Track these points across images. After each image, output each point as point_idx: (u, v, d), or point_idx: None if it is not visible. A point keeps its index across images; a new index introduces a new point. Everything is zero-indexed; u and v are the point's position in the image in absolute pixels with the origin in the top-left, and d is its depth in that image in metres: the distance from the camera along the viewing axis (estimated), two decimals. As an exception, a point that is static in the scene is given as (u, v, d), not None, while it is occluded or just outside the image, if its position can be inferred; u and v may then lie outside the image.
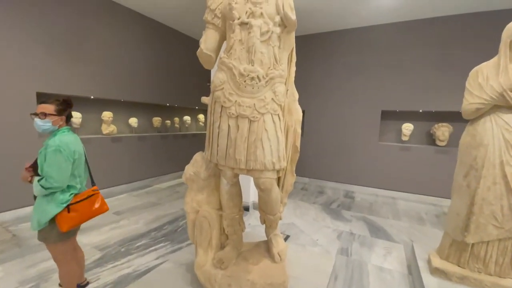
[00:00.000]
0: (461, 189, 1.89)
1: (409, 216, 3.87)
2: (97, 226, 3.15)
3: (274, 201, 1.73)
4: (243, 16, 1.51)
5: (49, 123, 1.54)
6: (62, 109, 1.59)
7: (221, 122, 1.58)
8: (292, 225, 3.39)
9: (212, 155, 1.65)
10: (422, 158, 4.59)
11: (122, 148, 4.61)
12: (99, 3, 4.03)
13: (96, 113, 4.47)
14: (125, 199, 4.26)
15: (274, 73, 1.54)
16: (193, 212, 1.76)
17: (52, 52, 3.52)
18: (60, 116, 1.58)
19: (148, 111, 5.49)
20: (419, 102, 4.58)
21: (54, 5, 3.49)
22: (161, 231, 3.08)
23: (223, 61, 1.57)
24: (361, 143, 5.12)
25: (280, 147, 1.57)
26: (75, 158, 1.55)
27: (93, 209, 1.62)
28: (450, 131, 4.37)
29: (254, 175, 1.58)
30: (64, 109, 1.60)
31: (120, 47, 4.43)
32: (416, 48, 4.54)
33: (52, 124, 1.56)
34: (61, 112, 1.59)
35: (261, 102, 1.53)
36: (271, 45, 1.53)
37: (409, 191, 4.71)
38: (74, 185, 1.58)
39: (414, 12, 4.25)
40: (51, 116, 1.54)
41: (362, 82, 5.04)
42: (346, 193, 5.08)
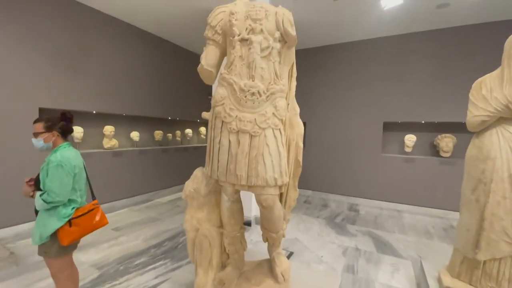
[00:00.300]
0: (470, 203, 1.83)
1: (415, 230, 3.76)
2: (96, 243, 3.08)
3: (276, 218, 1.68)
4: (243, 32, 1.52)
5: (41, 141, 1.58)
6: (51, 124, 1.60)
7: (222, 138, 1.56)
8: (295, 240, 3.30)
9: (213, 171, 1.62)
10: (427, 169, 4.52)
11: (123, 162, 4.59)
12: (101, 20, 4.12)
13: (98, 127, 4.49)
14: (126, 214, 4.20)
15: (274, 88, 1.53)
16: (193, 230, 1.70)
17: (54, 67, 3.57)
18: (50, 132, 1.59)
19: (150, 124, 5.51)
20: (421, 113, 4.56)
21: (57, 21, 3.57)
22: (160, 248, 3.00)
23: (224, 76, 1.57)
24: (363, 154, 5.07)
25: (282, 162, 1.54)
26: (75, 172, 1.57)
27: (94, 223, 1.63)
28: (454, 142, 4.31)
29: (255, 192, 1.54)
30: (52, 124, 1.60)
31: (122, 62, 4.50)
32: (417, 59, 4.57)
33: (44, 142, 1.58)
34: (50, 128, 1.59)
35: (262, 117, 1.51)
36: (271, 60, 1.53)
37: (414, 204, 4.61)
38: (75, 199, 1.60)
39: (414, 24, 4.30)
40: (41, 134, 1.57)
41: (363, 93, 5.05)
42: (350, 206, 4.98)
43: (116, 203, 4.40)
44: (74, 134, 3.98)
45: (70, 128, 1.70)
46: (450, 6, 3.61)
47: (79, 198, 1.63)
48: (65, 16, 3.65)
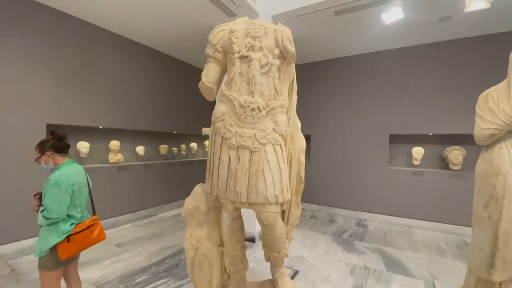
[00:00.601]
0: (482, 221, 1.74)
1: (427, 247, 3.60)
2: (98, 260, 3.03)
3: (278, 237, 1.62)
4: (243, 50, 1.54)
5: (43, 164, 1.71)
6: (42, 147, 1.69)
7: (222, 153, 1.54)
8: (301, 258, 3.19)
9: (212, 187, 1.59)
10: (436, 183, 4.38)
11: (127, 176, 4.61)
12: (108, 38, 4.26)
13: (104, 142, 4.55)
14: (129, 229, 4.16)
15: (274, 104, 1.52)
16: (192, 249, 1.66)
17: (61, 84, 3.66)
18: (44, 154, 1.68)
19: (155, 138, 5.56)
20: (429, 125, 4.48)
21: (64, 39, 3.69)
22: (162, 265, 2.94)
23: (224, 93, 1.57)
24: (370, 167, 4.97)
25: (283, 178, 1.51)
26: (74, 189, 1.64)
27: (92, 238, 1.68)
28: (463, 155, 4.19)
29: (256, 209, 1.50)
30: (43, 146, 1.69)
31: (127, 78, 4.60)
32: (422, 71, 4.54)
33: (45, 164, 1.70)
34: (42, 150, 1.69)
35: (262, 133, 1.49)
36: (271, 76, 1.53)
37: (425, 219, 4.44)
38: (74, 214, 1.66)
39: (417, 37, 4.31)
40: (39, 159, 1.70)
41: (368, 106, 5.02)
42: (358, 221, 4.83)
43: (119, 218, 4.38)
44: (80, 149, 4.04)
45: (63, 144, 1.75)
46: (453, 18, 3.62)
47: (79, 214, 1.69)
48: (74, 35, 3.78)
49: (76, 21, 3.81)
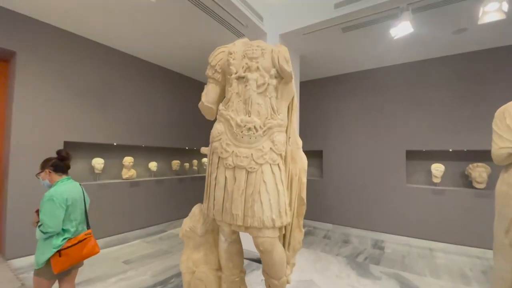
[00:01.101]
0: (503, 248, 1.56)
1: (450, 273, 3.29)
2: (104, 277, 3.03)
3: (277, 263, 1.54)
4: (240, 70, 1.55)
5: (41, 179, 1.85)
6: (44, 164, 1.85)
7: (218, 174, 1.52)
8: (311, 283, 3.01)
9: (209, 208, 1.56)
10: (460, 202, 4.08)
11: (139, 192, 4.68)
12: (122, 58, 4.48)
13: (118, 158, 4.68)
14: (138, 245, 4.17)
15: (271, 123, 1.50)
16: (188, 272, 1.60)
17: (79, 103, 3.86)
18: (43, 171, 1.83)
19: (168, 154, 5.66)
20: (448, 141, 4.24)
21: (81, 61, 3.91)
22: (167, 285, 2.88)
23: (221, 112, 1.57)
24: (387, 185, 4.74)
25: (280, 200, 1.44)
26: (68, 204, 1.72)
27: (83, 253, 1.75)
28: (488, 172, 3.90)
29: (252, 234, 1.44)
30: (45, 163, 1.85)
31: (142, 96, 4.79)
32: (439, 84, 4.37)
33: (42, 179, 1.84)
34: (43, 167, 1.85)
35: (259, 152, 1.46)
36: (267, 96, 1.52)
37: (448, 241, 4.10)
38: (69, 229, 1.73)
39: (431, 51, 4.19)
40: (39, 174, 1.86)
41: (383, 121, 4.86)
42: (374, 242, 4.55)
43: (129, 234, 4.41)
44: (94, 165, 4.18)
45: (63, 165, 1.88)
46: (468, 31, 3.49)
47: (73, 228, 1.77)
48: (90, 57, 4.01)
49: (93, 44, 4.06)
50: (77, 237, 1.75)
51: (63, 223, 1.69)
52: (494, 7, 2.37)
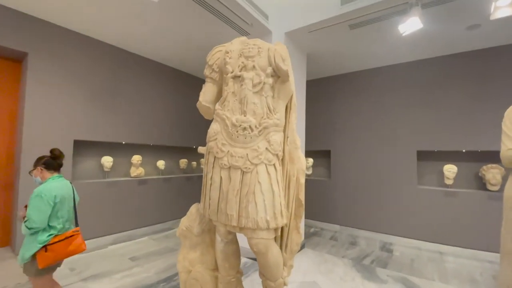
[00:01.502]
0: (510, 255, 1.48)
1: (460, 278, 3.17)
2: (110, 273, 3.11)
3: (273, 265, 1.51)
4: (236, 69, 1.53)
5: (33, 176, 1.91)
6: (36, 162, 1.91)
7: (213, 174, 1.51)
8: (314, 285, 2.97)
9: (205, 208, 1.55)
10: (473, 205, 3.91)
11: (147, 190, 4.76)
12: (131, 58, 4.56)
13: (126, 157, 4.78)
14: (145, 243, 4.25)
15: (267, 123, 1.47)
16: (185, 272, 1.61)
17: (88, 102, 3.96)
18: (36, 169, 1.89)
19: (176, 153, 5.73)
20: (461, 141, 4.07)
21: (91, 61, 4.00)
22: (170, 283, 2.91)
23: (217, 112, 1.57)
24: (397, 186, 4.60)
25: (275, 202, 1.42)
26: (56, 201, 1.76)
27: (68, 250, 1.79)
28: (502, 174, 3.71)
29: (246, 234, 1.43)
30: (37, 161, 1.90)
31: (150, 96, 4.86)
32: (452, 83, 4.20)
33: (34, 176, 1.90)
34: (36, 164, 1.91)
35: (254, 152, 1.44)
36: (263, 95, 1.50)
37: (459, 245, 3.95)
38: (55, 225, 1.78)
39: (444, 47, 4.04)
40: (31, 172, 1.92)
41: (393, 120, 4.72)
42: (383, 244, 4.44)
43: (137, 231, 4.50)
44: (104, 163, 4.28)
45: (55, 163, 1.93)
46: (481, 27, 3.33)
47: (60, 225, 1.81)
48: (100, 57, 4.11)
49: (103, 44, 4.14)
50: (65, 233, 1.80)
51: (49, 220, 1.73)
52: (506, 2, 2.24)
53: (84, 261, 3.41)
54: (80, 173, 4.16)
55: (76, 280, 2.91)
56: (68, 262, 3.35)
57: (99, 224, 4.00)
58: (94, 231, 3.94)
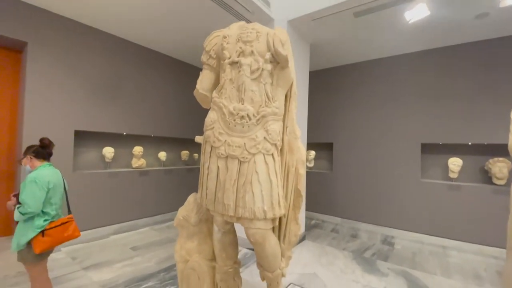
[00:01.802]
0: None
1: (463, 273, 3.14)
2: (111, 262, 3.13)
3: (270, 256, 1.49)
4: (234, 55, 1.47)
5: (23, 164, 1.94)
6: (26, 150, 1.94)
7: (210, 163, 1.48)
8: (314, 276, 2.96)
9: (202, 198, 1.53)
10: (477, 199, 3.84)
11: (149, 181, 4.77)
12: (131, 48, 4.50)
13: (128, 148, 4.77)
14: (146, 233, 4.28)
15: (266, 111, 1.42)
16: (182, 261, 1.59)
17: (89, 93, 3.93)
18: (25, 157, 1.92)
19: (177, 145, 5.71)
20: (467, 134, 3.98)
21: (91, 51, 3.96)
22: (170, 272, 2.93)
23: (214, 100, 1.52)
24: (400, 179, 4.54)
25: (273, 192, 1.39)
26: (49, 187, 1.80)
27: (65, 235, 1.84)
28: (509, 168, 3.63)
29: (243, 224, 1.40)
30: (27, 150, 1.93)
31: (151, 86, 4.82)
32: (460, 73, 4.08)
33: (24, 165, 1.93)
34: (25, 153, 1.94)
35: (252, 142, 1.40)
36: (262, 82, 1.44)
37: (463, 240, 3.90)
38: (49, 212, 1.82)
39: (453, 36, 3.90)
40: (21, 160, 1.95)
41: (397, 112, 4.63)
42: (384, 238, 4.42)
43: (139, 221, 4.53)
44: (105, 154, 4.28)
45: (44, 152, 1.95)
46: (490, 15, 3.20)
47: (53, 211, 1.84)
48: (100, 47, 4.06)
49: (103, 34, 4.09)
50: (60, 219, 1.86)
51: (43, 206, 1.76)
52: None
53: (86, 251, 3.45)
54: (82, 163, 4.16)
55: (78, 269, 2.94)
56: (70, 251, 3.40)
57: (100, 214, 4.03)
58: (96, 221, 3.97)
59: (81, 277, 2.77)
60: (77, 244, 3.61)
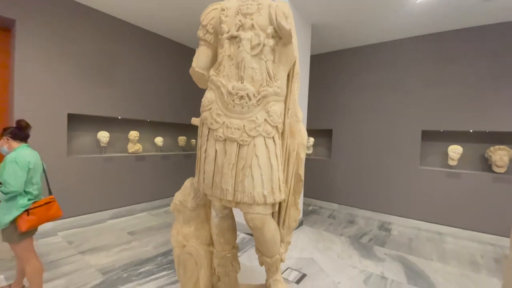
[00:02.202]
0: None
1: (459, 259, 3.17)
2: (108, 246, 3.12)
3: (269, 241, 1.45)
4: (233, 29, 1.36)
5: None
6: (2, 132, 1.96)
7: (208, 146, 1.40)
8: (311, 261, 2.97)
9: (199, 182, 1.46)
10: (476, 186, 3.84)
11: (145, 166, 4.71)
12: (127, 28, 4.31)
13: (123, 132, 4.67)
14: (144, 218, 4.26)
15: (267, 91, 1.33)
16: (179, 246, 1.56)
17: (82, 75, 3.78)
18: (2, 139, 1.94)
19: (174, 130, 5.61)
20: (468, 121, 3.92)
21: (85, 31, 3.78)
22: (167, 257, 2.92)
23: (212, 79, 1.42)
24: (398, 166, 4.52)
25: (273, 176, 1.32)
26: (30, 167, 1.83)
27: (50, 214, 1.92)
28: (510, 156, 3.60)
29: (242, 209, 1.35)
30: (3, 131, 1.95)
31: (147, 69, 4.65)
32: (463, 58, 3.96)
33: (0, 146, 1.94)
34: (1, 135, 1.96)
35: (252, 124, 1.32)
36: (263, 59, 1.34)
37: (460, 226, 3.93)
38: (31, 191, 1.86)
39: (457, 20, 3.75)
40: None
41: (398, 98, 4.54)
42: (381, 224, 4.44)
43: (136, 206, 4.50)
44: (100, 138, 4.18)
45: (21, 133, 1.97)
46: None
47: (35, 191, 1.89)
48: (94, 27, 3.87)
49: (96, 13, 3.89)
50: (43, 199, 1.92)
51: (25, 186, 1.80)
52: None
53: (82, 235, 3.42)
54: (76, 148, 4.07)
55: (74, 253, 2.92)
56: (66, 235, 3.37)
57: (97, 199, 3.98)
58: (92, 206, 3.93)
59: (78, 261, 2.76)
60: (74, 229, 3.59)
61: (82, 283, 2.36)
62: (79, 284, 2.33)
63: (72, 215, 3.70)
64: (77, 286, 2.31)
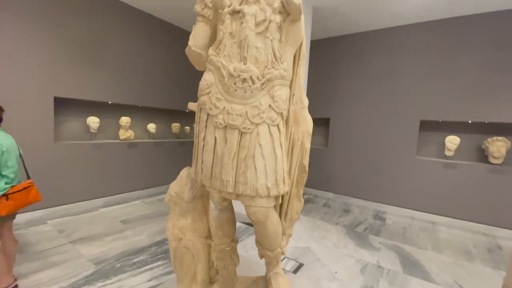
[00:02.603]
0: None
1: (453, 248, 3.21)
2: (101, 236, 3.03)
3: (271, 234, 1.38)
4: (235, 2, 1.22)
5: None
6: None
7: (206, 134, 1.29)
8: (307, 250, 2.96)
9: (197, 173, 1.36)
10: (471, 177, 3.86)
11: (138, 154, 4.56)
12: (116, 8, 4.04)
13: (114, 118, 4.48)
14: (137, 206, 4.16)
15: (272, 73, 1.21)
16: (175, 239, 1.47)
17: (70, 58, 3.55)
18: None
19: (167, 117, 5.43)
20: (467, 111, 3.88)
21: (72, 13, 3.53)
22: (162, 246, 2.86)
23: (211, 59, 1.29)
24: (395, 156, 4.50)
25: (278, 167, 1.23)
26: (3, 150, 1.80)
27: (28, 199, 1.93)
28: (507, 147, 3.61)
29: (244, 202, 1.26)
30: None
31: (138, 52, 4.41)
32: (462, 48, 3.88)
33: None
34: None
35: (255, 110, 1.21)
36: (268, 38, 1.21)
37: (453, 216, 3.98)
38: (7, 174, 1.84)
39: (459, 7, 3.63)
40: None
41: (397, 87, 4.46)
42: (376, 213, 4.47)
43: (129, 194, 4.39)
44: (90, 124, 4.00)
45: None
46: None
47: (11, 174, 1.86)
48: (80, 6, 3.60)
49: (82, -12, 3.61)
50: (22, 184, 1.91)
51: (1, 169, 1.79)
52: None
53: (74, 224, 3.31)
54: (64, 133, 3.89)
55: (65, 242, 2.83)
56: (57, 224, 3.26)
57: (87, 186, 3.85)
58: (83, 194, 3.81)
59: (69, 250, 2.67)
60: (64, 217, 3.47)
61: (73, 273, 2.28)
62: (70, 275, 2.26)
63: (62, 203, 3.57)
64: (68, 277, 2.23)
